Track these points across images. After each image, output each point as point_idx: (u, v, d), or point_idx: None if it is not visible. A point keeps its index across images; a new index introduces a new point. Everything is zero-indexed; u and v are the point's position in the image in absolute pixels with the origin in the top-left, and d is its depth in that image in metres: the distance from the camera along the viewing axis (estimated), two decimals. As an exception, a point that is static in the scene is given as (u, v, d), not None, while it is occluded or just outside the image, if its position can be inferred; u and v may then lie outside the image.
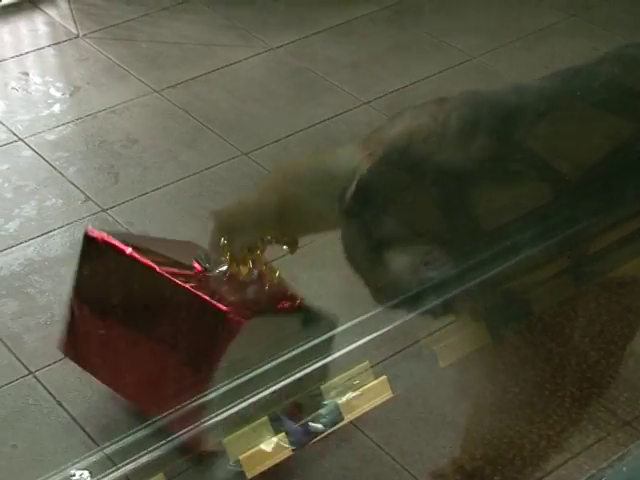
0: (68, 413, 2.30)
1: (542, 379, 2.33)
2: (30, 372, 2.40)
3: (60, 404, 2.32)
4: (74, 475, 2.12)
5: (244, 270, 2.25)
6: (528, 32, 3.67)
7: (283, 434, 1.40)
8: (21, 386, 2.36)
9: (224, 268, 2.24)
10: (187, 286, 2.21)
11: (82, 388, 2.36)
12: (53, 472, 1.76)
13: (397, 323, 1.68)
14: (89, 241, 2.30)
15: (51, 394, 2.34)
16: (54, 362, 2.41)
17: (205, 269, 2.25)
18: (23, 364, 2.42)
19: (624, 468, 1.06)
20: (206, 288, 2.22)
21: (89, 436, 2.24)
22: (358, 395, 1.50)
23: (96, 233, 2.38)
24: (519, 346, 2.36)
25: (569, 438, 2.25)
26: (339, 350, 1.86)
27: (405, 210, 1.99)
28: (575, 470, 2.17)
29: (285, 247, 2.21)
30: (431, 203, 1.98)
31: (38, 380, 2.38)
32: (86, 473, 2.13)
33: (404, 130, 2.00)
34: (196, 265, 2.27)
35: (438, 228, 1.97)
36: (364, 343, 1.61)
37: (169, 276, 2.23)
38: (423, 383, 2.08)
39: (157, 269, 2.24)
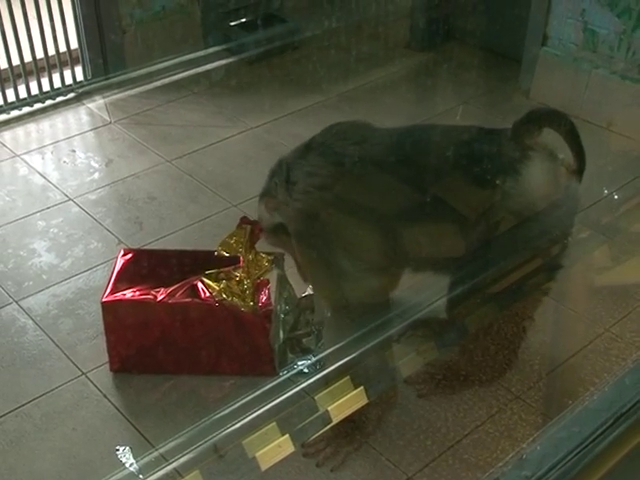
0: (112, 403, 2.24)
1: (458, 367, 2.32)
2: (83, 373, 2.33)
3: (106, 397, 2.26)
4: (118, 450, 2.05)
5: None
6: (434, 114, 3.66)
7: (287, 435, 1.34)
8: (76, 384, 2.30)
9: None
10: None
11: (121, 384, 2.30)
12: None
13: (370, 345, 1.64)
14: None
15: (99, 389, 2.28)
16: (100, 365, 2.36)
17: None
18: (77, 367, 2.36)
19: (538, 447, 1.03)
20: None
21: (128, 421, 2.18)
22: (342, 402, 1.45)
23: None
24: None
25: (478, 410, 2.23)
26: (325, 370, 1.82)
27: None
28: (484, 434, 2.17)
29: None
30: None
31: (89, 379, 2.32)
32: (127, 448, 2.06)
33: None
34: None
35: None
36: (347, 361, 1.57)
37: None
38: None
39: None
